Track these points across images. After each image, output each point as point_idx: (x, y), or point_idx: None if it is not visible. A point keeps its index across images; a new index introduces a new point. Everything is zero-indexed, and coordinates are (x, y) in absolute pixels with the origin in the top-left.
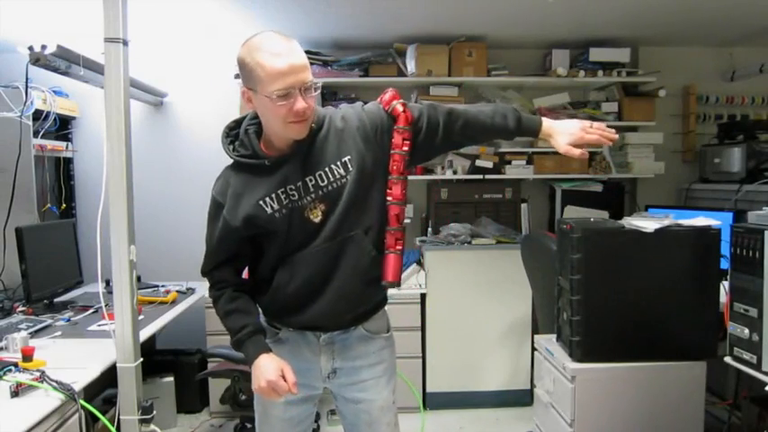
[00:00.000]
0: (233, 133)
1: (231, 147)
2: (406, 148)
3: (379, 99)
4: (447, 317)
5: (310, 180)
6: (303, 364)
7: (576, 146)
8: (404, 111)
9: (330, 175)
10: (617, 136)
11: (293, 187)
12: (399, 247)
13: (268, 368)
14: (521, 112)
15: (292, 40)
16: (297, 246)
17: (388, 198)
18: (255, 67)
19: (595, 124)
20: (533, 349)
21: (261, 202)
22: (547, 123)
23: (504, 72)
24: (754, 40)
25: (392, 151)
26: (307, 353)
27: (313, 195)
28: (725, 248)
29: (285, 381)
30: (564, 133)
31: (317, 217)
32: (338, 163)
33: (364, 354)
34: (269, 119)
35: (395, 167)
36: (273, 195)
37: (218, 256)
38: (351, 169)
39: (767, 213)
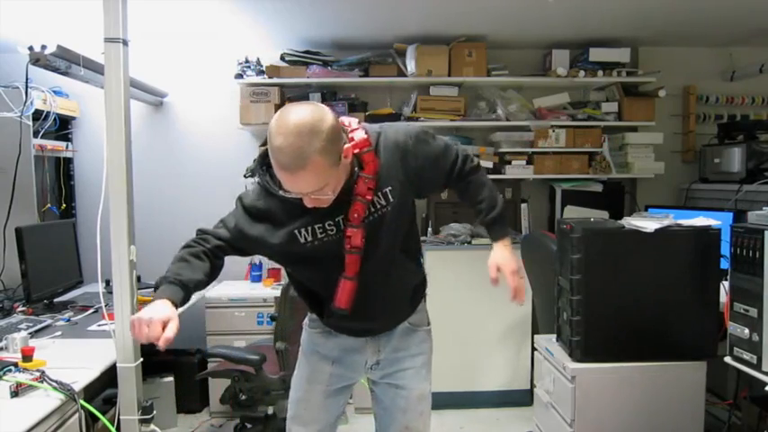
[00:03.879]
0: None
1: (272, 180)
2: (369, 197)
3: (349, 139)
4: (447, 317)
5: (354, 212)
6: (349, 357)
7: (498, 270)
8: (373, 159)
9: (372, 207)
10: (524, 301)
11: (332, 222)
12: (354, 275)
13: (160, 311)
14: (502, 219)
15: (308, 158)
16: (337, 272)
17: (347, 246)
18: (271, 158)
19: (522, 283)
20: (533, 349)
21: (296, 231)
22: (507, 242)
23: (504, 72)
24: (754, 40)
25: (355, 198)
26: (354, 345)
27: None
28: (725, 248)
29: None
30: (502, 256)
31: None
32: (380, 194)
33: (406, 345)
34: None
35: (355, 216)
36: (309, 228)
37: (226, 236)
38: (392, 200)
39: (767, 213)
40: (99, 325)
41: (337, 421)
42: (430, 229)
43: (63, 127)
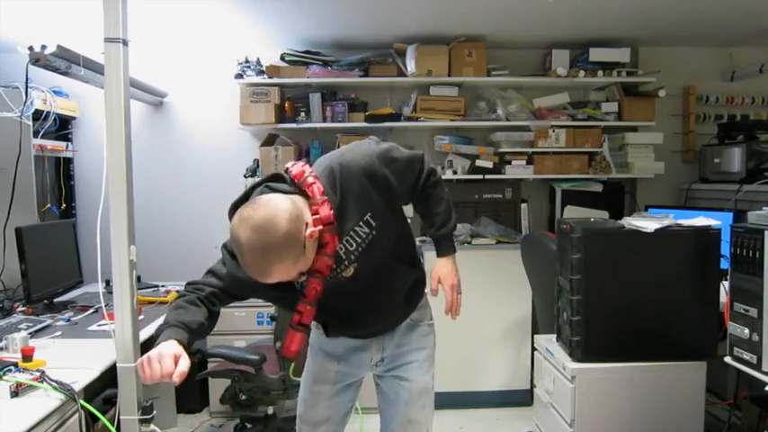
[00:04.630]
0: None
1: None
2: (330, 250)
3: (310, 195)
4: (447, 317)
5: (340, 248)
6: (354, 355)
7: (438, 283)
8: (322, 209)
9: (357, 238)
10: (458, 315)
11: None
12: (306, 322)
13: (168, 346)
14: (452, 236)
15: (271, 269)
16: (332, 296)
17: (303, 297)
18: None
19: (459, 299)
20: (533, 349)
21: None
22: (450, 258)
23: (504, 72)
24: (754, 40)
25: (320, 252)
26: (358, 344)
27: (346, 262)
28: (725, 248)
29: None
30: (444, 270)
31: (349, 273)
32: (361, 223)
33: (408, 341)
34: None
35: (317, 270)
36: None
37: (218, 284)
38: (374, 224)
39: (767, 213)
40: (99, 325)
41: (346, 418)
42: None
43: (63, 127)
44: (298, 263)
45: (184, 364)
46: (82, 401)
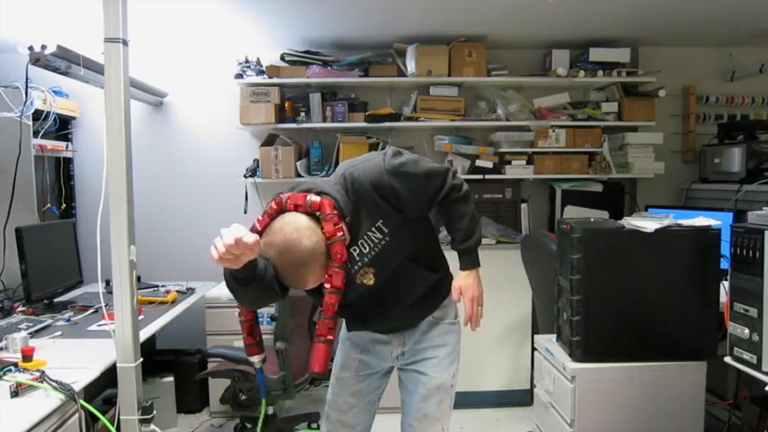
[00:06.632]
0: None
1: None
2: (340, 234)
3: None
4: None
5: (354, 250)
6: (377, 347)
7: (459, 294)
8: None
9: (370, 242)
10: (478, 327)
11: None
12: (330, 337)
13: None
14: (474, 251)
15: (305, 280)
16: (352, 298)
17: (326, 286)
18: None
19: (479, 311)
20: (533, 349)
21: None
22: (473, 271)
23: (504, 72)
24: (754, 41)
25: (329, 240)
26: (381, 337)
27: (360, 264)
28: (725, 248)
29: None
30: (465, 282)
31: (369, 280)
32: (373, 228)
33: (429, 337)
34: None
35: (338, 257)
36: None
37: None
38: (386, 230)
39: (767, 213)
40: (99, 325)
41: (372, 407)
42: None
43: (63, 127)
44: (326, 267)
45: (256, 236)
46: (82, 401)
